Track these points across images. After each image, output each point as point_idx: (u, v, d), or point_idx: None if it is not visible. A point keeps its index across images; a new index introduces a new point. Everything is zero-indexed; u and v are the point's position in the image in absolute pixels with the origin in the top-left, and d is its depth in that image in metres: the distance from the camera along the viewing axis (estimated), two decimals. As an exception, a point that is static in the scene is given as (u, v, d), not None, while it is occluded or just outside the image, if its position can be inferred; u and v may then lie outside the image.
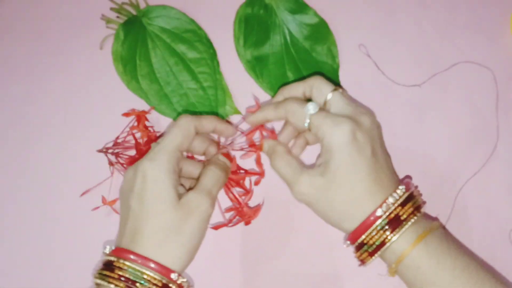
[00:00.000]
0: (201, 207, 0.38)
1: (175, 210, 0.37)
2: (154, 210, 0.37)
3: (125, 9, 0.54)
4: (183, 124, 0.40)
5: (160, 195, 0.37)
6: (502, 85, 0.51)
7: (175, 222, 0.36)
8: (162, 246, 0.36)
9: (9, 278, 0.48)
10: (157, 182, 0.37)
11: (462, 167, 0.49)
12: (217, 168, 0.41)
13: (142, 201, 0.37)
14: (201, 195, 0.38)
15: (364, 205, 0.38)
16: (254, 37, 0.53)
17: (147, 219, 0.36)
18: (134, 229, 0.37)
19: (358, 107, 0.41)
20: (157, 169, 0.37)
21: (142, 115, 0.50)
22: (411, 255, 0.37)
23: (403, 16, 0.54)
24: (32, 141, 0.52)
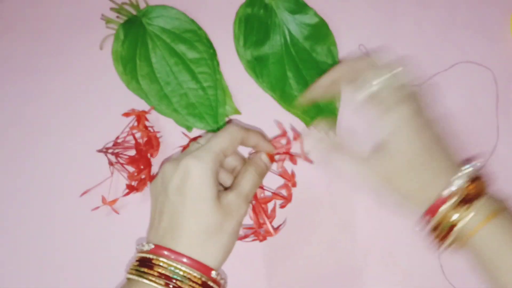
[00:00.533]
0: (240, 211, 0.38)
1: (217, 211, 0.36)
2: (196, 208, 0.36)
3: (125, 9, 0.54)
4: (233, 130, 0.40)
5: (203, 194, 0.36)
6: (502, 85, 0.51)
7: (217, 223, 0.36)
8: (203, 245, 0.36)
9: (9, 278, 0.48)
10: (201, 180, 0.37)
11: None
12: (257, 172, 0.41)
13: (184, 196, 0.36)
14: (241, 198, 0.39)
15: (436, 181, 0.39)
16: (254, 37, 0.53)
17: (189, 217, 0.36)
18: (173, 225, 0.37)
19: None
20: (202, 167, 0.37)
21: (142, 115, 0.50)
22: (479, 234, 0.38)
23: (403, 16, 0.54)
24: (31, 141, 0.52)
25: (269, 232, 0.46)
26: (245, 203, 0.39)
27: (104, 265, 0.48)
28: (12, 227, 0.50)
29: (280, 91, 0.52)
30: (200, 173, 0.37)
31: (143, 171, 0.48)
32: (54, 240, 0.49)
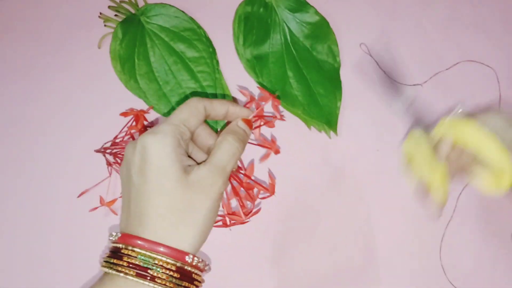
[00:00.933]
0: (214, 186, 0.34)
1: (184, 187, 0.33)
2: (159, 187, 0.33)
3: (124, 8, 0.53)
4: (192, 101, 0.37)
5: (165, 171, 0.33)
6: (505, 84, 0.51)
7: (185, 201, 0.33)
8: (173, 228, 0.33)
9: (7, 278, 0.48)
10: (161, 155, 0.33)
11: (464, 167, 0.49)
12: (235, 139, 0.37)
13: (145, 177, 0.33)
14: (214, 171, 0.35)
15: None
16: (254, 35, 0.52)
17: (154, 198, 0.33)
18: (139, 211, 0.33)
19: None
20: (159, 143, 0.34)
21: (140, 115, 0.49)
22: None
23: (405, 15, 0.54)
24: (29, 141, 0.52)
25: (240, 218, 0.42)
26: (220, 177, 0.35)
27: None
28: (9, 227, 0.49)
29: (280, 90, 0.51)
30: (159, 148, 0.33)
31: (141, 171, 0.47)
32: (52, 241, 0.49)
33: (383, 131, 0.50)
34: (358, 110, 0.50)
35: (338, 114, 0.50)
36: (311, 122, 0.50)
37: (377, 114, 0.51)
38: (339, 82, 0.51)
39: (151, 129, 0.35)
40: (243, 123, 0.39)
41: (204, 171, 0.34)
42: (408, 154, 0.40)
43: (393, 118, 0.51)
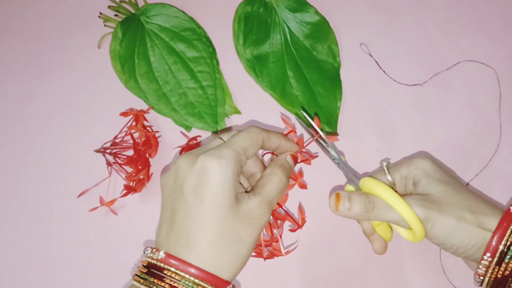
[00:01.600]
0: (263, 219, 0.35)
1: (236, 218, 0.33)
2: (214, 213, 0.32)
3: (124, 7, 0.53)
4: (253, 131, 0.37)
5: (223, 198, 0.33)
6: (505, 84, 0.51)
7: (235, 231, 0.33)
8: (218, 256, 0.33)
9: (7, 278, 0.48)
10: (222, 182, 0.33)
11: (464, 167, 0.49)
12: (284, 175, 0.38)
13: (202, 199, 0.33)
14: (263, 204, 0.35)
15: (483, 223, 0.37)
16: (254, 35, 0.52)
17: (206, 223, 0.32)
18: (187, 231, 0.33)
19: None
20: (222, 168, 0.33)
21: (140, 115, 0.49)
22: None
23: (405, 15, 0.54)
24: (29, 141, 0.51)
25: (279, 251, 0.43)
26: (268, 210, 0.35)
27: (102, 265, 0.48)
28: (9, 227, 0.49)
29: (281, 90, 0.51)
30: (221, 174, 0.33)
31: (141, 171, 0.47)
32: (52, 241, 0.49)
33: (383, 131, 0.50)
34: (358, 110, 0.50)
35: (338, 114, 0.50)
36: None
37: (377, 114, 0.51)
38: (339, 82, 0.51)
39: (212, 150, 0.34)
40: (291, 158, 0.40)
41: (255, 203, 0.34)
42: None
43: (393, 118, 0.50)
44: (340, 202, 0.39)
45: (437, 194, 0.39)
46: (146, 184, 0.49)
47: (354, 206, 0.38)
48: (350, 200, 0.39)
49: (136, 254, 0.47)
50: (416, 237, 0.38)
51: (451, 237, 0.37)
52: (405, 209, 0.37)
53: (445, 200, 0.38)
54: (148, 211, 0.49)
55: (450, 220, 0.37)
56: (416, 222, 0.37)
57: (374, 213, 0.38)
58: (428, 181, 0.40)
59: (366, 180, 0.39)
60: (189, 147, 0.49)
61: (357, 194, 0.39)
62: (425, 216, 0.37)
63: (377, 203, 0.38)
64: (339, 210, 0.39)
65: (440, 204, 0.38)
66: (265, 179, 0.37)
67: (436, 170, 0.40)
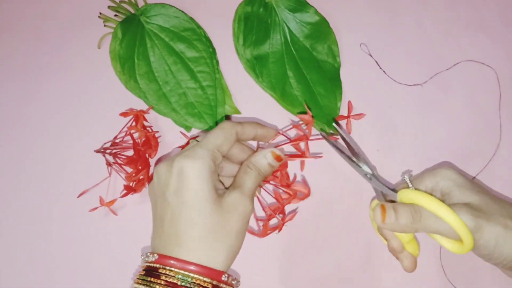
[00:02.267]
0: (245, 209, 0.37)
1: (219, 211, 0.35)
2: (197, 210, 0.35)
3: (123, 8, 0.53)
4: (225, 127, 0.39)
5: (202, 195, 0.35)
6: (505, 84, 0.51)
7: (220, 224, 0.35)
8: (209, 249, 0.35)
9: (7, 278, 0.48)
10: (198, 180, 0.35)
11: (464, 167, 0.49)
12: (261, 173, 0.40)
13: (183, 199, 0.35)
14: (245, 196, 0.37)
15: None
16: (254, 35, 0.52)
17: (191, 221, 0.35)
18: (176, 231, 0.35)
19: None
20: (197, 167, 0.35)
21: (140, 115, 0.49)
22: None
23: (405, 15, 0.54)
24: (29, 141, 0.51)
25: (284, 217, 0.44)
26: (251, 201, 0.37)
27: (102, 265, 0.48)
28: (9, 227, 0.49)
29: (281, 90, 0.51)
30: (196, 173, 0.35)
31: (141, 171, 0.47)
32: (52, 241, 0.49)
33: (383, 131, 0.50)
34: (358, 110, 0.50)
35: (338, 114, 0.50)
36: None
37: (377, 114, 0.51)
38: (339, 82, 0.51)
39: (186, 152, 0.37)
40: (271, 156, 0.41)
41: (236, 195, 0.37)
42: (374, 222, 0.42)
43: (393, 118, 0.50)
44: (387, 214, 0.37)
45: (476, 203, 0.37)
46: (146, 184, 0.48)
47: (401, 217, 0.37)
48: (396, 211, 0.37)
49: (136, 254, 0.47)
50: (465, 248, 0.36)
51: (500, 246, 0.36)
52: (454, 218, 0.35)
53: (488, 208, 0.37)
54: (148, 211, 0.49)
55: (498, 229, 0.36)
56: (466, 231, 0.35)
57: (422, 224, 0.37)
58: (461, 191, 0.38)
59: (406, 192, 0.38)
60: None
61: (402, 205, 0.38)
62: (475, 225, 0.35)
63: (424, 213, 0.37)
64: (386, 222, 0.37)
65: (485, 212, 0.36)
66: (243, 174, 0.39)
67: (465, 179, 0.39)
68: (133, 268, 0.47)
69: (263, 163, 0.40)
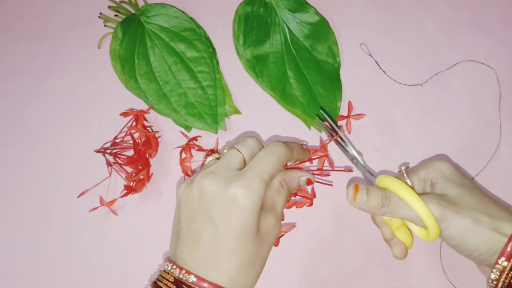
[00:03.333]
0: (278, 233, 0.38)
1: (258, 240, 0.35)
2: (240, 241, 0.34)
3: (124, 8, 0.53)
4: (281, 154, 0.38)
5: (250, 228, 0.35)
6: (505, 84, 0.51)
7: (259, 252, 0.36)
8: (243, 277, 0.35)
9: (7, 278, 0.48)
10: (251, 214, 0.34)
11: (464, 167, 0.49)
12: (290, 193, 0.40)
13: (230, 227, 0.34)
14: (277, 220, 0.37)
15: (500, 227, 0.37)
16: (254, 36, 0.52)
17: (233, 250, 0.34)
18: (215, 255, 0.35)
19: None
20: (253, 200, 0.34)
21: (140, 115, 0.49)
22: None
23: (405, 15, 0.54)
24: (29, 141, 0.51)
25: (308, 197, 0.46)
26: (280, 224, 0.38)
27: (102, 265, 0.48)
28: (9, 227, 0.49)
29: (281, 90, 0.51)
30: (251, 207, 0.34)
31: (141, 171, 0.47)
32: (52, 241, 0.49)
33: (383, 131, 0.50)
34: (358, 110, 0.50)
35: (338, 114, 0.50)
36: (311, 122, 0.50)
37: (377, 114, 0.51)
38: (339, 82, 0.51)
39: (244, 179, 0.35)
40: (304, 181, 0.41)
41: (272, 221, 0.37)
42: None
43: (393, 118, 0.50)
44: (358, 194, 0.39)
45: (454, 195, 0.39)
46: (146, 184, 0.48)
47: (371, 198, 0.39)
48: (368, 192, 0.39)
49: (136, 254, 0.47)
50: (430, 236, 0.38)
51: (466, 239, 0.37)
52: (420, 206, 0.37)
53: (462, 201, 0.38)
54: (148, 211, 0.49)
55: (466, 221, 0.37)
56: (431, 219, 0.37)
57: (390, 208, 0.39)
58: (445, 183, 0.40)
59: (383, 178, 0.40)
60: (189, 147, 0.49)
61: (375, 188, 0.40)
62: (441, 215, 0.37)
63: (394, 198, 0.39)
64: (356, 201, 0.39)
65: (456, 204, 0.38)
66: (275, 194, 0.38)
67: (454, 172, 0.41)
68: (133, 268, 0.47)
69: (295, 185, 0.40)
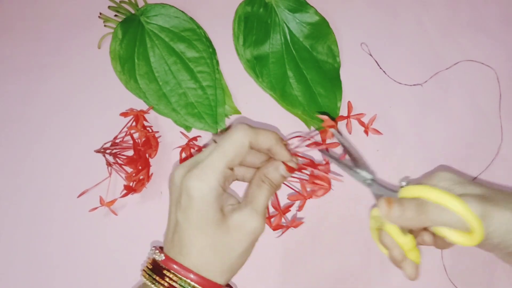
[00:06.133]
0: (254, 228, 0.36)
1: (224, 232, 0.35)
2: (200, 229, 0.35)
3: (124, 8, 0.53)
4: (238, 138, 0.36)
5: (206, 216, 0.35)
6: (505, 84, 0.51)
7: (224, 243, 0.35)
8: (210, 263, 0.36)
9: (7, 278, 0.48)
10: (203, 203, 0.35)
11: (465, 167, 0.49)
12: (273, 186, 0.38)
13: (189, 219, 0.35)
14: (254, 213, 0.36)
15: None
16: (254, 36, 0.52)
17: (194, 237, 0.35)
18: (181, 242, 0.36)
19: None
20: (204, 190, 0.35)
21: (140, 115, 0.49)
22: None
23: (405, 15, 0.54)
24: (29, 141, 0.51)
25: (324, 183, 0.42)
26: (261, 218, 0.36)
27: (102, 265, 0.48)
28: (9, 227, 0.49)
29: (281, 90, 0.51)
30: (202, 198, 0.35)
31: (141, 171, 0.47)
32: (52, 241, 0.49)
33: (383, 131, 0.50)
34: (358, 110, 0.50)
35: (338, 114, 0.50)
36: (311, 122, 0.50)
37: (377, 114, 0.51)
38: (339, 82, 0.51)
39: (195, 170, 0.35)
40: (285, 169, 0.39)
41: (246, 213, 0.36)
42: (374, 231, 0.40)
43: (393, 118, 0.50)
44: (392, 207, 0.36)
45: (482, 193, 0.36)
46: (146, 185, 0.48)
47: (407, 209, 0.36)
48: (401, 203, 0.36)
49: (136, 254, 0.47)
50: (475, 238, 0.34)
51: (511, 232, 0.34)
52: (461, 206, 0.34)
53: (493, 196, 0.36)
54: (148, 211, 0.49)
55: (508, 214, 0.34)
56: (475, 218, 0.34)
57: (428, 216, 0.35)
58: (462, 187, 0.37)
59: (407, 188, 0.37)
60: (189, 147, 0.49)
61: (407, 199, 0.36)
62: (482, 211, 0.34)
63: (429, 205, 0.35)
64: (392, 215, 0.36)
65: (491, 199, 0.35)
66: (255, 189, 0.38)
67: (464, 178, 0.38)
68: (133, 268, 0.47)
69: (276, 176, 0.38)
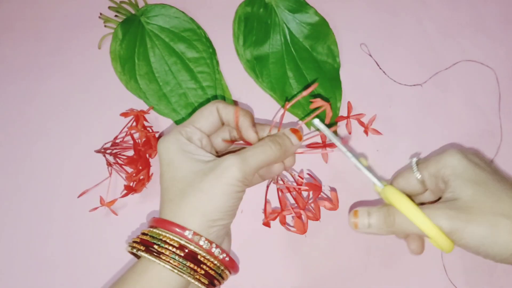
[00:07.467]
0: (229, 172, 0.34)
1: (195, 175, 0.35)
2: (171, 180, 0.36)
3: (124, 8, 0.53)
4: (207, 106, 0.39)
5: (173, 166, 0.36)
6: (504, 84, 0.51)
7: (194, 186, 0.35)
8: (178, 209, 0.35)
9: (7, 278, 0.48)
10: (167, 155, 0.37)
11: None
12: (273, 142, 0.37)
13: (161, 174, 0.37)
14: (234, 160, 0.35)
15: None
16: (254, 36, 0.52)
17: (166, 188, 0.37)
18: (160, 201, 0.37)
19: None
20: (165, 144, 0.37)
21: (140, 115, 0.49)
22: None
23: (405, 15, 0.54)
24: (29, 141, 0.51)
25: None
26: (239, 166, 0.34)
27: (102, 265, 0.48)
28: (9, 227, 0.49)
29: (280, 91, 0.51)
30: (165, 149, 0.37)
31: (141, 171, 0.47)
32: (52, 241, 0.49)
33: (383, 131, 0.50)
34: (358, 110, 0.50)
35: (338, 114, 0.50)
36: (311, 122, 0.50)
37: (377, 114, 0.51)
38: (339, 83, 0.51)
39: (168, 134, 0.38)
40: (290, 131, 0.39)
41: (222, 159, 0.35)
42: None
43: (393, 118, 0.50)
44: (359, 219, 0.37)
45: (467, 198, 0.35)
46: (146, 185, 0.48)
47: (374, 222, 0.36)
48: (369, 215, 0.37)
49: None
50: (445, 250, 0.35)
51: (485, 246, 0.34)
52: (424, 224, 0.34)
53: (476, 205, 0.34)
54: (148, 211, 0.49)
55: (482, 229, 0.33)
56: (439, 236, 0.34)
57: (396, 228, 0.36)
58: (457, 183, 0.36)
59: (387, 190, 0.37)
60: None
61: (376, 209, 0.37)
62: (450, 228, 0.34)
63: (398, 217, 0.36)
64: (359, 228, 0.37)
65: (469, 211, 0.34)
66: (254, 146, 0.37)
67: (467, 167, 0.36)
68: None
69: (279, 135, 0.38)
